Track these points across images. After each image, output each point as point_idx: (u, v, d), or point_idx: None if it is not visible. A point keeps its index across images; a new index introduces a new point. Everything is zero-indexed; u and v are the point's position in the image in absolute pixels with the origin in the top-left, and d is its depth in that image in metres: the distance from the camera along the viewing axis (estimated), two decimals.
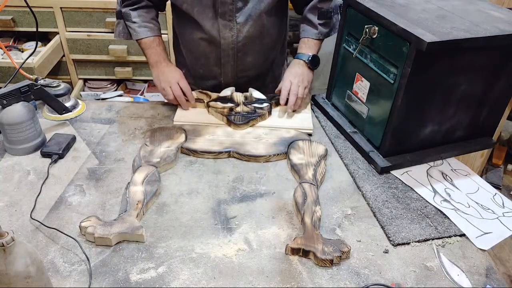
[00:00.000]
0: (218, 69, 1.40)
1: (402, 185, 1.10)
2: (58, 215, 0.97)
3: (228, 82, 1.42)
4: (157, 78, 1.33)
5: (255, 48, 1.36)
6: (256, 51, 1.37)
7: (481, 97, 1.13)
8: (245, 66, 1.39)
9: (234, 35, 1.30)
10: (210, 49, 1.35)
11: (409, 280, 0.86)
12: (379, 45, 1.09)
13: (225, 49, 1.33)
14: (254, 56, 1.38)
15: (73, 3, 2.45)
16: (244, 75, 1.42)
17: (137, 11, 1.31)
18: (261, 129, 1.26)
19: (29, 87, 1.13)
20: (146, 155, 1.13)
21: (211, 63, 1.38)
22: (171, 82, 1.30)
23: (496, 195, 1.10)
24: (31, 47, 2.56)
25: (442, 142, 1.19)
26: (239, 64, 1.38)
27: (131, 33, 1.34)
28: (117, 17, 1.36)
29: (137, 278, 0.84)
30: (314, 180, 1.07)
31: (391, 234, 0.95)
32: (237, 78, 1.42)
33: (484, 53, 1.03)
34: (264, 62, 1.43)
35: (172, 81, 1.30)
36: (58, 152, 1.13)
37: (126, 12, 1.31)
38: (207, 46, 1.35)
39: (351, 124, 1.29)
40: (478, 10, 1.13)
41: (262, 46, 1.37)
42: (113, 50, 2.58)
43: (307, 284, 0.84)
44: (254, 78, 1.44)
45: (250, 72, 1.42)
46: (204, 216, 0.98)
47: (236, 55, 1.35)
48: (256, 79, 1.45)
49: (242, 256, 0.89)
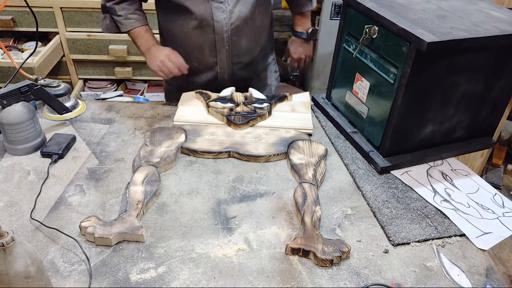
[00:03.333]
0: (213, 57, 1.41)
1: (402, 185, 1.10)
2: (58, 215, 0.97)
3: (224, 71, 1.44)
4: (150, 61, 1.37)
5: (247, 30, 1.39)
6: (248, 34, 1.40)
7: (481, 97, 1.13)
8: (239, 50, 1.41)
9: (227, 17, 1.32)
10: (204, 38, 1.36)
11: (409, 280, 0.86)
12: (379, 45, 1.09)
13: (219, 32, 1.35)
14: (247, 39, 1.41)
15: (73, 3, 2.45)
16: (238, 61, 1.44)
17: (120, 5, 1.34)
18: (261, 129, 1.26)
19: (29, 87, 1.13)
20: (146, 155, 1.13)
21: (206, 53, 1.40)
22: (163, 59, 1.34)
23: (496, 195, 1.10)
24: (31, 47, 2.56)
25: (442, 142, 1.20)
26: (233, 49, 1.40)
27: (118, 26, 1.37)
28: (103, 11, 1.38)
29: (137, 278, 0.84)
30: (314, 180, 1.07)
31: (391, 234, 0.95)
32: (232, 65, 1.44)
33: (484, 53, 1.03)
34: (255, 47, 1.47)
35: (163, 58, 1.34)
36: (58, 152, 1.13)
37: (110, 6, 1.34)
38: (201, 35, 1.36)
39: (351, 124, 1.29)
40: (478, 10, 1.13)
41: (253, 29, 1.41)
42: (113, 50, 2.58)
43: (307, 284, 0.84)
44: (248, 65, 1.48)
45: (244, 58, 1.45)
46: (204, 216, 0.98)
47: (230, 38, 1.37)
48: (249, 66, 1.49)
49: (242, 256, 0.89)
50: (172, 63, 1.34)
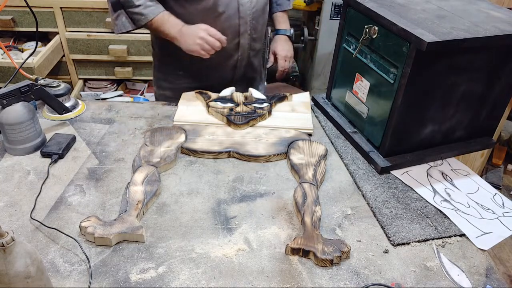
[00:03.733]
0: (235, 43, 1.41)
1: (402, 185, 1.10)
2: (58, 215, 0.97)
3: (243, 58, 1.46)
4: (187, 42, 1.29)
5: (262, 15, 1.43)
6: (262, 19, 1.44)
7: (481, 97, 1.13)
8: (257, 35, 1.45)
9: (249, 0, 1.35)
10: (228, 23, 1.36)
11: (409, 280, 0.86)
12: (379, 45, 1.09)
13: (244, 16, 1.36)
14: (261, 24, 1.45)
15: (73, 3, 2.45)
16: (254, 47, 1.48)
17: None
18: (261, 129, 1.26)
19: (29, 87, 1.13)
20: (146, 155, 1.13)
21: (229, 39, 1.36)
22: (202, 35, 1.27)
23: (496, 195, 1.10)
24: (31, 47, 2.56)
25: (442, 142, 1.20)
26: (253, 33, 1.43)
27: (136, 20, 1.29)
28: (114, 9, 1.29)
29: (137, 278, 0.84)
30: (314, 180, 1.07)
31: (391, 234, 0.95)
32: (250, 51, 1.47)
33: (484, 53, 1.04)
34: (263, 34, 1.51)
35: (202, 34, 1.27)
36: (58, 152, 1.13)
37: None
38: (225, 21, 1.35)
39: (351, 124, 1.29)
40: (478, 10, 1.13)
41: (265, 14, 1.46)
42: (113, 50, 2.58)
43: (307, 284, 0.84)
44: (258, 52, 1.52)
45: (257, 45, 1.49)
46: (204, 216, 0.98)
47: (251, 22, 1.39)
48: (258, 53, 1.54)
49: (242, 256, 0.89)
50: (212, 37, 1.27)
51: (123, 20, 1.31)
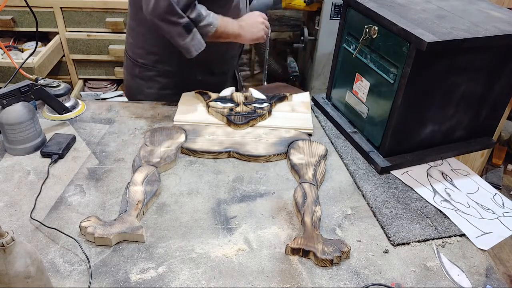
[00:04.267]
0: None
1: (402, 185, 1.10)
2: (58, 215, 0.97)
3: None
4: (252, 32, 1.33)
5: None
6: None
7: (481, 97, 1.13)
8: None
9: None
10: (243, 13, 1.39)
11: (409, 280, 0.86)
12: (379, 45, 1.09)
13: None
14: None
15: (73, 3, 2.45)
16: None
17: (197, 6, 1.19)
18: (261, 129, 1.26)
19: (29, 87, 1.13)
20: (146, 155, 1.13)
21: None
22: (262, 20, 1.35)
23: (496, 195, 1.10)
24: (31, 47, 2.56)
25: (442, 142, 1.20)
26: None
27: (204, 34, 1.22)
28: (188, 30, 1.18)
29: (137, 278, 0.84)
30: (314, 180, 1.07)
31: (391, 234, 0.95)
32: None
33: (484, 53, 1.04)
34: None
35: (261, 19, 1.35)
36: (58, 152, 1.13)
37: (195, 16, 1.18)
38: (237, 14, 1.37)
39: (351, 124, 1.29)
40: (478, 10, 1.13)
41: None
42: (113, 50, 2.58)
43: (307, 284, 0.84)
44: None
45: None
46: (204, 216, 0.98)
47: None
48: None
49: (242, 256, 0.89)
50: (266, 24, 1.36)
51: (198, 38, 1.21)
